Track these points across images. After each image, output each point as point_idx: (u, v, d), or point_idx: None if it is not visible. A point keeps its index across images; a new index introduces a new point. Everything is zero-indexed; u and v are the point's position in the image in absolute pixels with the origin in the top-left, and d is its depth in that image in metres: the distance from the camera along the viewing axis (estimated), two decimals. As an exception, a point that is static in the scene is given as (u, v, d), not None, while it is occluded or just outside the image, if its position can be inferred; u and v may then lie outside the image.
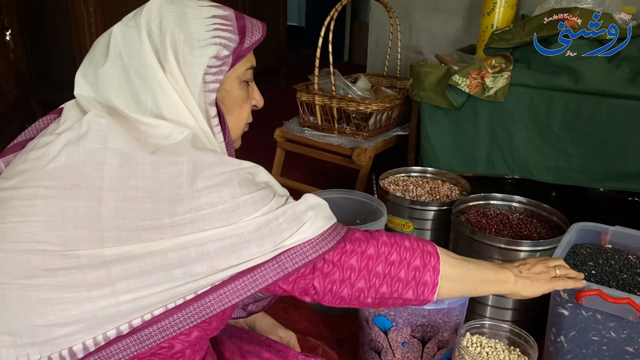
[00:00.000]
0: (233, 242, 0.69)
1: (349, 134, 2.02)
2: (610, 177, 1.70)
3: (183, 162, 0.70)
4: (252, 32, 0.82)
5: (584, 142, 1.70)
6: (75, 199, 0.67)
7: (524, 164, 1.81)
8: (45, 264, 0.65)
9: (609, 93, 1.63)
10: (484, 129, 1.83)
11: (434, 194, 1.67)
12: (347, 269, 0.76)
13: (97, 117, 0.73)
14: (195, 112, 0.77)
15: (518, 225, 1.48)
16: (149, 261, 0.66)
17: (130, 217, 0.67)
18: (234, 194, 0.70)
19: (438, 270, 0.80)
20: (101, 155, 0.70)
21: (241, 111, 0.87)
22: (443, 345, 1.17)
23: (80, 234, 0.66)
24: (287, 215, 0.72)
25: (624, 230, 1.29)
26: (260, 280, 0.70)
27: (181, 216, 0.67)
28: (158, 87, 0.75)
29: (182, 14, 0.77)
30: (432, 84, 1.86)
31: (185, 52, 0.75)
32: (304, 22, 6.21)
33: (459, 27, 2.53)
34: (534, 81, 1.73)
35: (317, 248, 0.73)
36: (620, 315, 1.04)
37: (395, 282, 0.79)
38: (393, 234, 0.82)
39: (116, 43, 0.76)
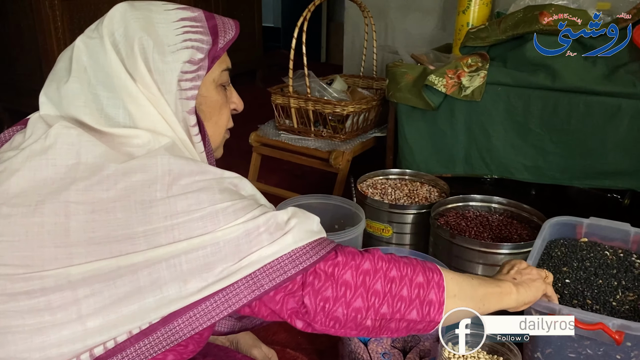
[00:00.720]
0: (207, 253, 0.63)
1: (326, 136, 1.98)
2: (589, 175, 1.69)
3: (157, 167, 0.65)
4: (225, 31, 0.78)
5: (562, 140, 1.68)
6: (40, 215, 0.62)
7: (503, 163, 1.79)
8: (6, 289, 0.60)
9: (586, 90, 1.62)
10: (462, 129, 1.81)
11: (412, 197, 1.64)
12: (342, 285, 0.68)
13: (66, 128, 0.68)
14: (171, 122, 0.73)
15: (498, 227, 1.45)
16: (118, 282, 0.61)
17: (101, 229, 0.62)
18: (213, 200, 0.65)
19: (443, 287, 0.73)
20: (73, 172, 0.65)
21: (220, 117, 0.82)
22: (425, 354, 1.14)
23: (46, 253, 0.61)
24: (269, 225, 0.66)
25: (599, 221, 1.27)
26: (233, 299, 0.63)
27: (155, 224, 0.62)
28: (129, 98, 0.70)
29: (148, 20, 0.73)
30: (409, 85, 1.84)
31: (156, 59, 0.71)
32: (280, 23, 6.16)
33: (435, 26, 2.51)
34: (511, 79, 1.71)
35: (297, 262, 0.66)
36: (595, 337, 1.02)
37: (398, 301, 0.70)
38: (387, 254, 0.75)
39: (79, 57, 0.71)
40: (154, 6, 0.75)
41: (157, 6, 0.75)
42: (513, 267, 0.91)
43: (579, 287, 1.16)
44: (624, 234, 1.25)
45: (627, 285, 1.14)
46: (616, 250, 1.23)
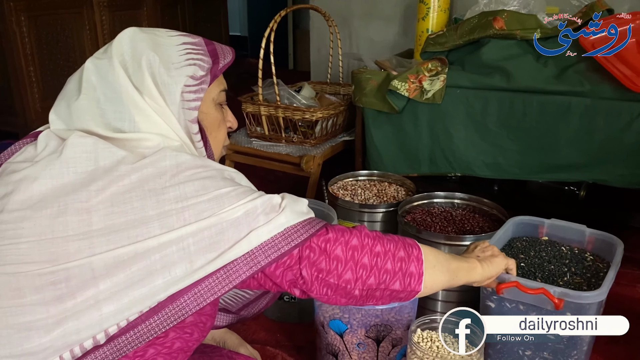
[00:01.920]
0: (212, 234, 0.70)
1: (297, 142, 2.05)
2: (545, 169, 1.80)
3: (166, 162, 0.73)
4: (224, 54, 0.87)
5: (518, 137, 1.79)
6: (64, 215, 0.69)
7: (465, 161, 1.89)
8: (34, 283, 0.66)
9: (538, 90, 1.73)
10: (425, 131, 1.90)
11: (381, 196, 1.72)
12: (334, 259, 0.76)
13: (81, 137, 0.75)
14: (176, 129, 0.80)
15: (461, 221, 1.55)
16: (134, 267, 0.68)
17: (120, 217, 0.69)
18: (217, 186, 0.73)
19: (422, 260, 0.82)
20: (93, 177, 0.72)
21: (218, 133, 0.90)
22: (397, 343, 1.21)
23: (70, 247, 0.68)
24: (265, 206, 0.73)
25: (559, 222, 1.37)
26: (233, 275, 0.71)
27: (167, 207, 0.70)
28: (136, 110, 0.78)
29: (154, 41, 0.81)
30: (374, 90, 1.92)
31: (162, 73, 0.79)
32: (246, 31, 6.22)
33: (396, 33, 2.60)
34: (469, 82, 1.81)
35: (290, 240, 0.73)
36: (539, 305, 1.11)
37: (383, 274, 0.79)
38: (371, 230, 0.84)
39: (89, 77, 0.78)
40: (158, 32, 0.84)
41: (162, 32, 0.84)
42: (477, 247, 1.02)
43: (532, 269, 1.26)
44: (580, 234, 1.35)
45: (576, 272, 1.25)
46: (572, 248, 1.34)
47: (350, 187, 1.77)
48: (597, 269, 1.26)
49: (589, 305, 1.09)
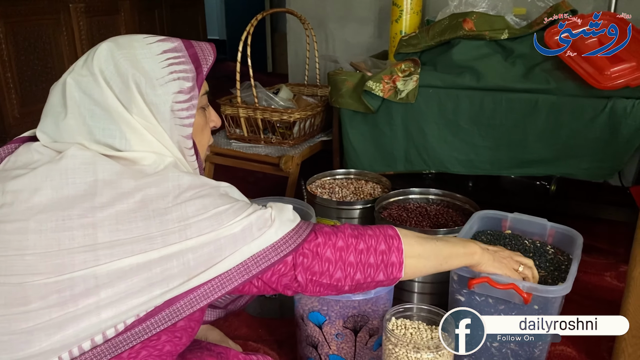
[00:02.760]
0: (210, 250, 0.76)
1: (275, 143, 2.09)
2: (515, 165, 1.86)
3: (169, 182, 0.77)
4: (205, 57, 0.87)
5: (489, 134, 1.85)
6: (70, 229, 0.71)
7: (438, 159, 1.95)
8: (40, 291, 0.69)
9: (507, 88, 1.79)
10: (400, 130, 1.96)
11: (358, 194, 1.77)
12: (325, 261, 0.85)
13: (81, 149, 0.77)
14: (168, 145, 0.83)
15: (435, 216, 1.60)
16: (135, 279, 0.72)
17: (125, 234, 0.72)
18: (216, 204, 0.78)
19: (401, 250, 0.90)
20: (93, 188, 0.74)
21: (202, 137, 0.93)
22: (374, 332, 1.26)
23: (76, 258, 0.71)
24: (258, 222, 0.80)
25: (521, 216, 1.43)
26: (226, 283, 0.77)
27: (170, 225, 0.74)
28: (128, 128, 0.80)
29: (134, 57, 0.81)
30: (349, 91, 1.97)
31: (149, 93, 0.80)
32: (225, 35, 6.24)
33: (371, 35, 2.66)
34: (441, 82, 1.87)
35: (279, 250, 0.80)
36: (508, 299, 1.17)
37: (367, 268, 0.88)
38: (356, 226, 0.91)
39: (72, 94, 0.80)
40: (136, 42, 0.84)
41: (139, 41, 0.84)
42: (496, 249, 1.10)
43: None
44: (541, 227, 1.41)
45: (540, 265, 1.31)
46: (534, 241, 1.40)
47: (328, 186, 1.82)
48: (558, 261, 1.33)
49: (554, 298, 1.15)
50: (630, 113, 1.65)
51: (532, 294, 1.15)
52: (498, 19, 1.97)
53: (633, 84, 1.64)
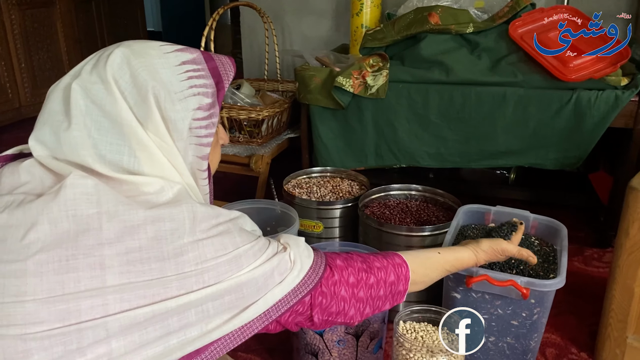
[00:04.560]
0: (232, 299, 0.70)
1: (243, 142, 2.02)
2: (485, 157, 1.90)
3: (184, 213, 0.69)
4: (226, 72, 0.80)
5: (459, 128, 1.88)
6: (75, 270, 0.62)
7: (409, 153, 1.95)
8: (44, 343, 0.60)
9: (475, 82, 1.82)
10: (370, 125, 1.94)
11: (336, 192, 1.74)
12: (341, 300, 0.82)
13: (82, 178, 0.67)
14: (180, 168, 0.75)
15: (417, 212, 1.60)
16: (150, 328, 0.64)
17: (136, 277, 0.64)
18: (235, 244, 0.72)
19: (408, 279, 0.90)
20: (96, 222, 0.65)
21: (214, 155, 0.87)
22: (374, 336, 1.25)
23: (82, 304, 0.62)
24: (280, 267, 0.76)
25: (503, 209, 1.45)
26: (247, 331, 0.73)
27: (187, 268, 0.67)
28: (139, 145, 0.71)
29: (152, 66, 0.73)
30: (318, 87, 1.94)
31: (168, 109, 0.72)
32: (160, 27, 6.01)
33: (329, 28, 2.63)
34: (410, 77, 1.87)
35: (299, 292, 0.77)
36: (505, 294, 1.19)
37: (377, 301, 0.87)
38: (363, 257, 0.89)
39: (77, 101, 0.70)
40: (152, 49, 0.75)
41: (156, 49, 0.75)
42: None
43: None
44: (524, 220, 1.43)
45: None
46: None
47: (305, 185, 1.78)
48: (545, 253, 1.36)
49: (550, 291, 1.18)
50: (594, 104, 1.71)
51: (530, 289, 1.18)
52: (462, 13, 1.99)
53: (596, 75, 1.71)
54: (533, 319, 1.22)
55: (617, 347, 1.32)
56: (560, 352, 1.42)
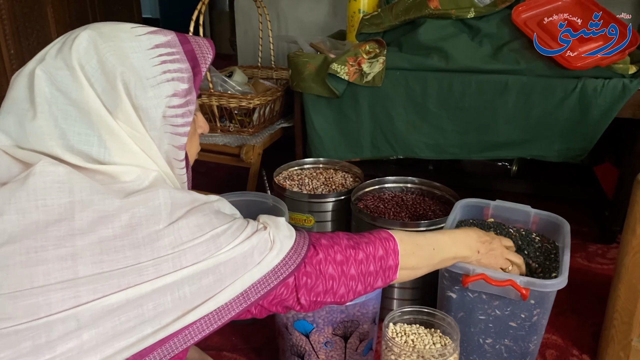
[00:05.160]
0: (210, 282, 0.67)
1: (234, 131, 1.95)
2: (485, 148, 1.82)
3: (160, 199, 0.66)
4: (204, 55, 0.75)
5: (458, 117, 1.80)
6: (45, 262, 0.58)
7: (406, 144, 1.88)
8: (10, 339, 0.56)
9: (476, 69, 1.74)
10: (366, 114, 1.87)
11: (329, 185, 1.67)
12: (329, 278, 0.79)
13: (53, 165, 0.63)
14: (155, 157, 0.72)
15: (413, 206, 1.53)
16: (123, 317, 0.61)
17: (110, 265, 0.61)
18: (212, 224, 0.70)
19: (397, 252, 0.87)
20: (69, 211, 0.61)
21: (191, 145, 0.82)
22: (364, 337, 1.18)
23: (52, 297, 0.58)
24: (260, 245, 0.72)
25: (503, 204, 1.38)
26: (224, 314, 0.70)
27: (163, 252, 0.64)
28: (109, 135, 0.67)
29: (121, 51, 0.68)
30: (312, 74, 1.86)
31: (139, 96, 0.68)
32: (158, 13, 5.91)
33: (326, 13, 2.54)
34: (408, 64, 1.79)
35: (279, 274, 0.74)
36: (503, 295, 1.12)
37: (368, 277, 0.84)
38: (349, 234, 0.86)
39: (42, 88, 0.66)
40: (122, 32, 0.70)
41: (126, 32, 0.70)
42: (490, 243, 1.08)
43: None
44: (525, 215, 1.37)
45: (529, 254, 1.27)
46: (519, 229, 1.35)
47: (297, 177, 1.71)
48: (546, 250, 1.29)
49: (551, 292, 1.11)
50: (600, 93, 1.63)
51: (530, 289, 1.10)
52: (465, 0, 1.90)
53: (603, 63, 1.62)
54: (532, 320, 1.15)
55: (622, 350, 1.25)
56: (561, 354, 1.35)
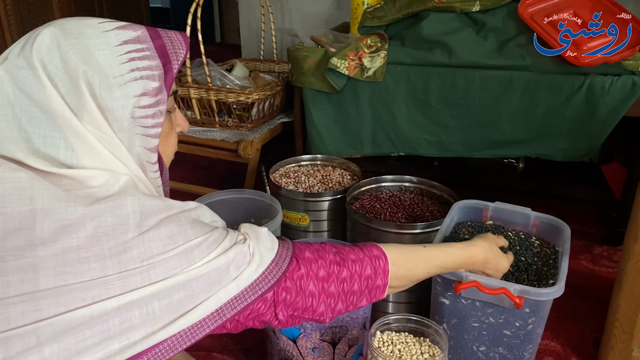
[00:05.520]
0: (181, 298, 0.63)
1: (232, 126, 1.92)
2: (488, 146, 1.77)
3: (128, 207, 0.62)
4: (176, 50, 0.71)
5: (461, 114, 1.75)
6: (4, 274, 0.55)
7: (408, 141, 1.83)
8: None
9: (480, 65, 1.68)
10: (367, 110, 1.82)
11: (326, 182, 1.64)
12: (309, 295, 0.75)
13: (13, 171, 0.60)
14: (125, 160, 0.68)
15: (410, 206, 1.49)
16: (87, 333, 0.57)
17: (74, 278, 0.57)
18: (186, 237, 0.66)
19: (387, 272, 0.82)
20: (29, 220, 0.58)
21: (167, 146, 0.78)
22: (353, 343, 1.15)
23: (11, 311, 0.55)
24: (237, 260, 0.68)
25: (503, 206, 1.33)
26: (197, 332, 0.65)
27: (131, 265, 0.60)
28: (75, 138, 0.64)
29: (86, 48, 0.64)
30: (312, 68, 1.82)
31: (104, 97, 0.64)
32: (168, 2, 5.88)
33: (330, 5, 2.49)
34: (410, 58, 1.74)
35: (257, 289, 0.70)
36: (497, 303, 1.08)
37: (350, 296, 0.79)
38: (337, 248, 0.81)
39: (4, 89, 0.63)
40: (88, 28, 0.66)
41: (93, 28, 0.67)
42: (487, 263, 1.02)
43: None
44: (525, 217, 1.32)
45: (527, 260, 1.22)
46: (518, 233, 1.31)
47: (293, 174, 1.68)
48: (545, 255, 1.25)
49: (547, 301, 1.07)
50: (608, 91, 1.57)
51: (524, 297, 1.06)
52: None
53: (612, 60, 1.56)
54: (527, 329, 1.12)
55: (622, 360, 1.21)
56: (559, 362, 1.31)
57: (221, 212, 1.57)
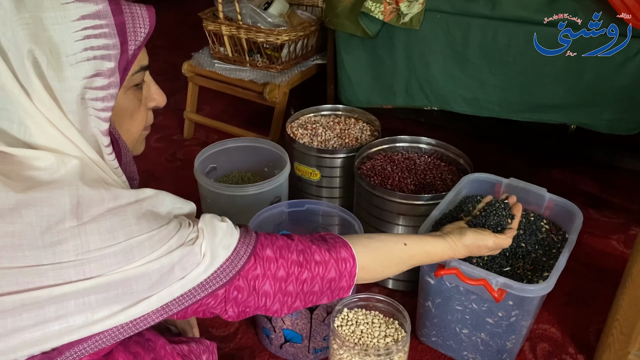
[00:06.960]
0: (118, 293, 0.62)
1: (262, 67, 1.88)
2: (527, 109, 1.64)
3: (65, 197, 0.60)
4: (135, 30, 0.66)
5: (500, 72, 1.61)
6: None
7: (442, 95, 1.73)
8: None
9: (525, 19, 1.52)
10: (401, 59, 1.72)
11: (343, 137, 1.59)
12: (263, 295, 0.74)
13: None
14: (78, 141, 0.65)
15: (423, 171, 1.43)
16: (24, 315, 0.58)
17: (9, 262, 0.58)
18: (129, 233, 0.62)
19: (354, 275, 0.80)
20: None
21: (132, 123, 0.75)
22: (332, 309, 1.16)
23: None
24: (182, 262, 0.66)
25: (517, 182, 1.25)
26: (141, 324, 0.66)
27: (65, 257, 0.59)
28: (26, 115, 0.62)
29: (40, 22, 0.60)
30: (346, 10, 1.72)
31: (51, 77, 0.61)
32: None
33: None
34: (450, 7, 1.60)
35: (208, 287, 0.68)
36: (478, 292, 1.04)
37: (310, 296, 0.78)
38: (303, 245, 0.78)
39: None
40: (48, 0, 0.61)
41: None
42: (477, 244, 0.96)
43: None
44: (539, 198, 1.24)
45: (528, 247, 1.15)
46: (528, 213, 1.23)
47: (311, 126, 1.64)
48: (550, 243, 1.17)
49: (532, 297, 1.01)
50: (669, 60, 1.38)
51: (507, 291, 1.02)
52: None
53: (679, 24, 1.36)
54: (510, 320, 1.08)
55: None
56: (553, 350, 1.26)
57: (233, 160, 1.59)
